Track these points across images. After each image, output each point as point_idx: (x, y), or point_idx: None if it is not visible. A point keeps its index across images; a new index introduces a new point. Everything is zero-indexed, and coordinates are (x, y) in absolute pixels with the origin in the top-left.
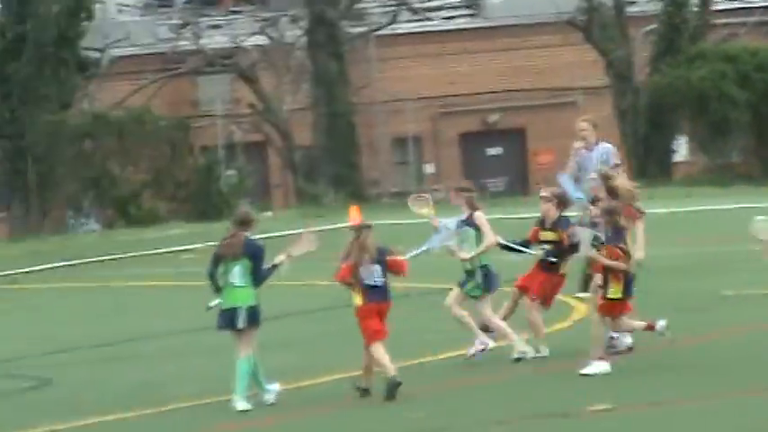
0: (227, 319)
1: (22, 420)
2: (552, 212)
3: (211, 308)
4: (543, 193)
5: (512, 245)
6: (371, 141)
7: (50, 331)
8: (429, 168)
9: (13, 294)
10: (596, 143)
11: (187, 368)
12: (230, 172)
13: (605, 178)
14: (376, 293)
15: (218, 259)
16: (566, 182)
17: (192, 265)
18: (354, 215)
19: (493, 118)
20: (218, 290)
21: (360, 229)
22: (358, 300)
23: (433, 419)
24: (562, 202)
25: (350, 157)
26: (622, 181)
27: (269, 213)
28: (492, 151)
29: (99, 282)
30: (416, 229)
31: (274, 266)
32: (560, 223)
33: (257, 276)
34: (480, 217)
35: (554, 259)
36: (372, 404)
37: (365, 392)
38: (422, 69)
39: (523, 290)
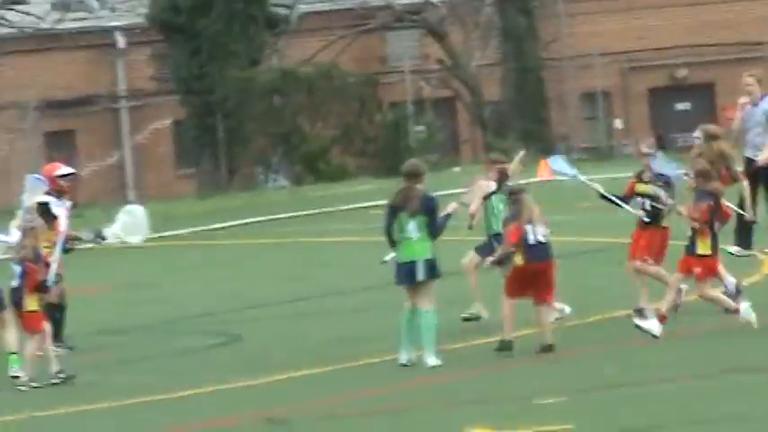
0: (406, 272)
1: (213, 376)
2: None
3: (386, 262)
4: (644, 150)
5: (612, 197)
6: (560, 96)
7: (239, 288)
8: (618, 123)
9: (203, 251)
10: (761, 98)
11: (377, 324)
12: (419, 128)
13: (708, 137)
14: (537, 252)
15: (393, 213)
16: (662, 163)
17: (380, 221)
18: (544, 170)
19: (681, 73)
20: (393, 244)
21: (520, 191)
22: (519, 260)
23: (626, 374)
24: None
25: (539, 113)
26: (724, 143)
27: (457, 169)
28: (680, 106)
29: (288, 238)
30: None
31: (448, 216)
32: (658, 178)
33: (433, 229)
34: None
35: (647, 217)
36: (564, 358)
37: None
38: (610, 24)
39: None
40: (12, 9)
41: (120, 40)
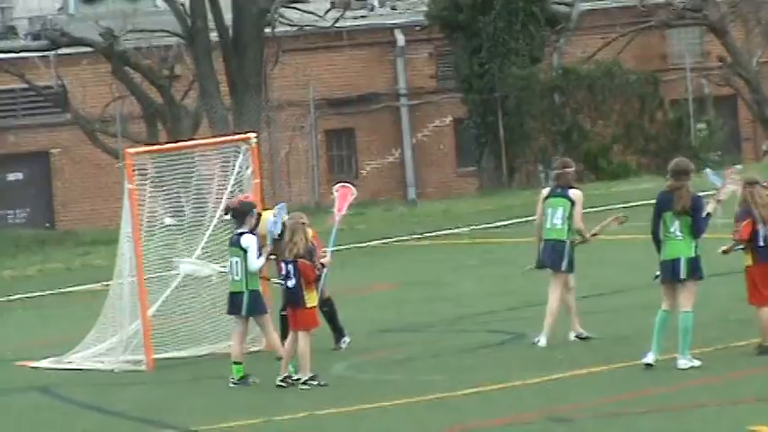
0: (670, 269)
1: (496, 374)
2: None
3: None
4: None
5: None
6: None
7: (520, 286)
8: None
9: (483, 249)
10: None
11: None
12: (700, 125)
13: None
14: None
15: (659, 212)
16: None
17: None
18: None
19: None
20: (658, 246)
21: (754, 182)
22: (748, 260)
23: None
24: None
25: None
26: None
27: (739, 167)
28: None
29: None
30: None
31: (708, 215)
32: None
33: (697, 228)
34: None
35: None
36: None
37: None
38: None
39: None
40: (292, 7)
41: (400, 38)
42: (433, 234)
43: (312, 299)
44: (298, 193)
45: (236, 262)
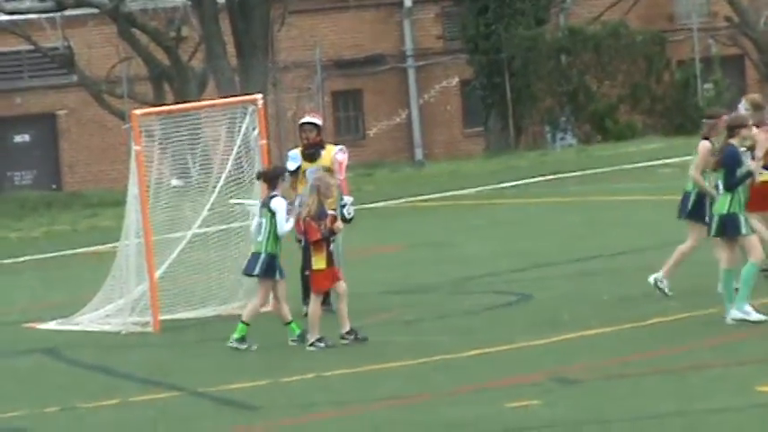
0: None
1: (503, 336)
2: None
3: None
4: None
5: None
6: None
7: (527, 247)
8: None
9: (490, 210)
10: None
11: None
12: (707, 86)
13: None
14: None
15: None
16: None
17: (669, 179)
18: None
19: None
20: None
21: None
22: None
23: None
24: None
25: None
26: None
27: None
28: None
29: (576, 197)
30: None
31: (749, 173)
32: None
33: (727, 182)
34: None
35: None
36: None
37: None
38: None
39: None
40: None
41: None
42: (440, 195)
43: (318, 261)
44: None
45: (263, 223)
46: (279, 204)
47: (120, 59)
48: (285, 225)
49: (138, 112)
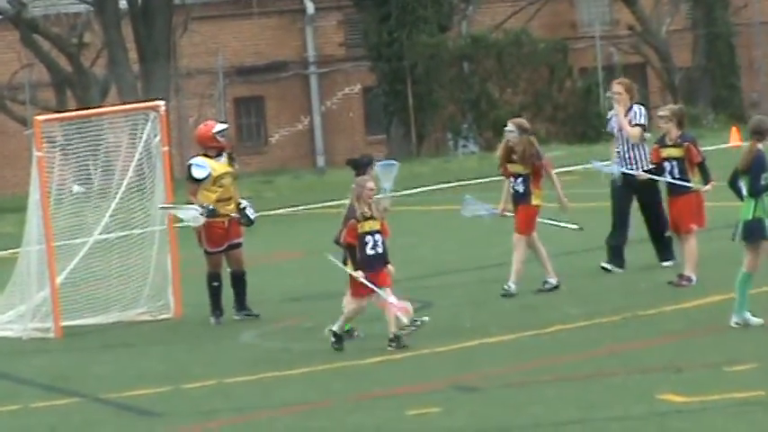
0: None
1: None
2: (673, 132)
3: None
4: (662, 113)
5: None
6: (751, 62)
7: (428, 254)
8: None
9: (392, 217)
10: None
11: (570, 290)
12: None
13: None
14: None
15: (736, 170)
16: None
17: (573, 187)
18: (735, 137)
19: None
20: (741, 199)
21: None
22: None
23: None
24: (680, 120)
25: (729, 79)
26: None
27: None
28: None
29: None
30: None
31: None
32: (684, 139)
33: (752, 187)
34: None
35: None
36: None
37: None
38: None
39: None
40: None
41: (310, 6)
42: (342, 202)
43: (348, 266)
44: None
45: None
46: None
47: (23, 66)
48: None
49: (40, 117)
